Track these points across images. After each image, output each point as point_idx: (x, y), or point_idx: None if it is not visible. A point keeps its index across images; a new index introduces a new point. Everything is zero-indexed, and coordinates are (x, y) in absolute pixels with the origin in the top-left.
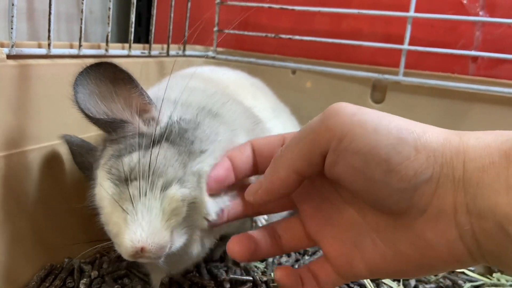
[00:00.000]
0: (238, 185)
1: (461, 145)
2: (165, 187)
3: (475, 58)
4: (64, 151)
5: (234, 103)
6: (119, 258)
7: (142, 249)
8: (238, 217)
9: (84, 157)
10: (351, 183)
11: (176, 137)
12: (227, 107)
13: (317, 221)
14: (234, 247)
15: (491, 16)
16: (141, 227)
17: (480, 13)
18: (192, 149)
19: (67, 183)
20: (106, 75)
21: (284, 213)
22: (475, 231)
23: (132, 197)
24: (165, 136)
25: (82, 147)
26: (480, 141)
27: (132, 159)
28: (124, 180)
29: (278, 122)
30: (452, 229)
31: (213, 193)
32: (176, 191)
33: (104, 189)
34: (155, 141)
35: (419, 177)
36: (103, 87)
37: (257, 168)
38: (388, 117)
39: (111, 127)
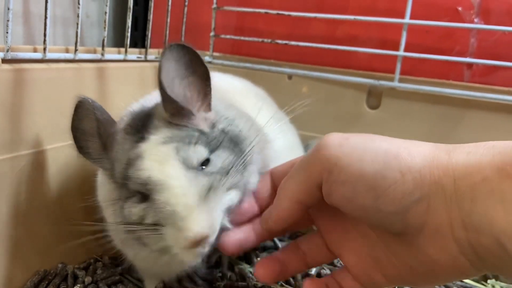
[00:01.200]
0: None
1: (450, 163)
2: (229, 188)
3: (470, 65)
4: (59, 156)
5: (249, 120)
6: (113, 263)
7: (204, 238)
8: (255, 245)
9: (104, 125)
10: (347, 210)
11: (231, 145)
12: (247, 125)
13: (335, 236)
14: (261, 271)
15: (486, 23)
16: (211, 217)
17: (475, 20)
18: (245, 161)
19: (62, 188)
20: (193, 63)
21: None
22: (474, 246)
23: (209, 186)
24: (223, 140)
25: (103, 112)
26: (471, 157)
27: (202, 150)
28: (191, 167)
29: (279, 132)
30: (451, 244)
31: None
32: (236, 196)
33: (173, 168)
34: (219, 142)
35: (408, 199)
36: (185, 72)
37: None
38: (375, 142)
39: (179, 113)
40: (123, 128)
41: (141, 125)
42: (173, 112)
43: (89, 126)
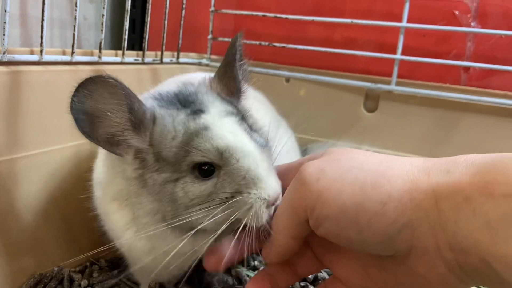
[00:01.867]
0: None
1: (430, 185)
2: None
3: (467, 68)
4: (56, 158)
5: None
6: (110, 267)
7: (279, 196)
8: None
9: (138, 101)
10: (336, 242)
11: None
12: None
13: (325, 250)
14: None
15: (483, 27)
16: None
17: (472, 24)
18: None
19: (57, 190)
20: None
21: None
22: (461, 266)
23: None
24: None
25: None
26: (451, 176)
27: (246, 126)
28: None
29: (276, 135)
30: (440, 264)
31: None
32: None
33: (246, 137)
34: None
35: (391, 228)
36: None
37: None
38: (352, 171)
39: (230, 89)
40: (156, 104)
41: (181, 102)
42: (227, 87)
43: (107, 105)
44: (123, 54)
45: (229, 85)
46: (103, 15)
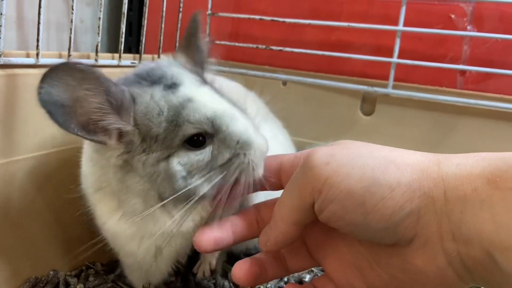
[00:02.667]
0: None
1: (440, 175)
2: None
3: (463, 72)
4: (51, 162)
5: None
6: (105, 271)
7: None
8: (232, 245)
9: (114, 84)
10: (338, 227)
11: None
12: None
13: (319, 243)
14: (238, 273)
15: (479, 30)
16: None
17: (468, 27)
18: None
19: (53, 194)
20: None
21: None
22: (462, 258)
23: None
24: None
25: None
26: (461, 168)
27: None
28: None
29: (268, 130)
30: (440, 256)
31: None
32: None
33: (227, 103)
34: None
35: (398, 214)
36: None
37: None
38: (362, 157)
39: (198, 63)
40: (134, 83)
41: (151, 79)
42: (192, 58)
43: (81, 93)
44: (120, 57)
45: (193, 57)
46: (99, 18)
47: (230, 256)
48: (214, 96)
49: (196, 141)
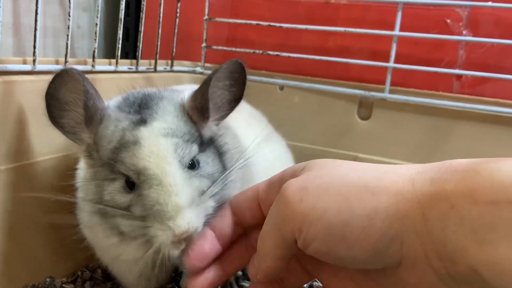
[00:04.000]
0: None
1: (415, 196)
2: (213, 195)
3: (459, 76)
4: (48, 169)
5: (236, 137)
6: (103, 277)
7: (189, 236)
8: (239, 269)
9: (94, 98)
10: (327, 261)
11: (216, 154)
12: (233, 141)
13: (313, 263)
14: None
15: (474, 35)
16: (197, 219)
17: (464, 32)
18: (226, 173)
19: (51, 200)
20: (238, 84)
21: None
22: (451, 274)
23: (201, 189)
24: (211, 147)
25: (92, 86)
26: (435, 184)
27: (195, 150)
28: (185, 166)
29: (268, 150)
30: (430, 274)
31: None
32: (213, 205)
33: (171, 165)
34: (206, 148)
35: (381, 241)
36: (228, 86)
37: (241, 225)
38: (336, 187)
39: (200, 110)
40: (117, 105)
41: (140, 104)
42: (198, 106)
43: (71, 97)
44: (116, 62)
45: (197, 102)
46: (96, 24)
47: None
48: (166, 152)
49: (129, 182)
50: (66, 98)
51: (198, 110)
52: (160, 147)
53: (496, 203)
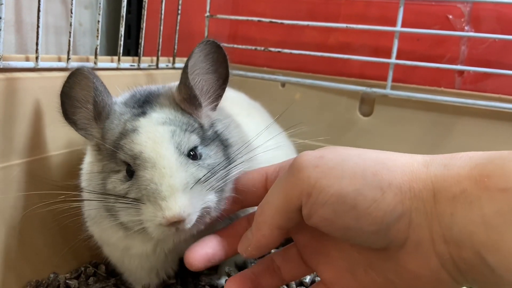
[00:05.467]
0: None
1: (428, 177)
2: (212, 189)
3: (461, 72)
4: (51, 165)
5: (241, 131)
6: (107, 273)
7: (180, 221)
8: (223, 260)
9: (102, 95)
10: (329, 231)
11: (220, 147)
12: (238, 135)
13: (312, 250)
14: None
15: (476, 30)
16: (191, 204)
17: (466, 28)
18: (232, 167)
19: (54, 197)
20: (219, 63)
21: None
22: (455, 260)
23: (197, 177)
24: (215, 140)
25: (102, 83)
26: (449, 169)
27: (195, 140)
28: (183, 154)
29: (272, 141)
30: (433, 259)
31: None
32: (213, 200)
33: (166, 149)
34: (211, 141)
35: (389, 216)
36: (209, 68)
37: (242, 204)
38: (351, 160)
39: (189, 99)
40: (123, 101)
41: (144, 100)
42: (185, 97)
43: (82, 94)
44: (118, 60)
45: (190, 93)
46: (98, 21)
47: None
48: (162, 138)
49: (129, 170)
50: (78, 95)
51: (187, 100)
52: (157, 134)
53: (506, 190)
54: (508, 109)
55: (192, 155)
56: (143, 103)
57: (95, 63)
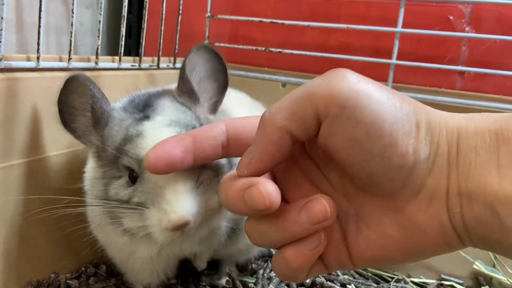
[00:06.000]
0: None
1: (455, 125)
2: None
3: (462, 73)
4: (52, 165)
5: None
6: (108, 273)
7: (185, 224)
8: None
9: (100, 101)
10: (347, 156)
11: None
12: None
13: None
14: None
15: (477, 31)
16: (196, 207)
17: (466, 28)
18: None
19: (57, 202)
20: (217, 72)
21: None
22: (464, 214)
23: (202, 179)
24: None
25: (99, 89)
26: (471, 122)
27: None
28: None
29: None
30: (443, 212)
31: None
32: (216, 202)
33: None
34: None
35: (418, 155)
36: (207, 75)
37: (228, 151)
38: (391, 91)
39: (188, 94)
40: (122, 107)
41: (144, 105)
42: (183, 91)
43: (80, 101)
44: (120, 60)
45: (189, 87)
46: (99, 21)
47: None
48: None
49: (132, 176)
50: (75, 103)
51: (186, 94)
52: (162, 136)
53: None
54: (509, 110)
55: None
56: (144, 107)
57: (96, 63)
